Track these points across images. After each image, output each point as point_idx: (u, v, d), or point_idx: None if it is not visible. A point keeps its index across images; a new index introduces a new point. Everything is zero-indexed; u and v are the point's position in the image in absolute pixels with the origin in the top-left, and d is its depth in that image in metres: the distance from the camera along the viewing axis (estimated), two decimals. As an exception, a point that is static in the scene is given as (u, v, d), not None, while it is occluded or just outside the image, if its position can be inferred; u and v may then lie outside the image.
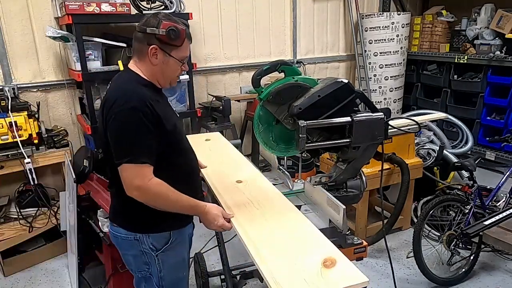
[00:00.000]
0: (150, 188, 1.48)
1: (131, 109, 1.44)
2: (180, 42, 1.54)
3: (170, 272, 1.73)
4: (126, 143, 1.46)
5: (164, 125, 1.53)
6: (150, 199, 1.51)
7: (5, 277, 2.98)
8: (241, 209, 1.75)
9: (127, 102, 1.45)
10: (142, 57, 1.56)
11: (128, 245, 1.67)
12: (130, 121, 1.45)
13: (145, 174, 1.47)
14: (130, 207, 1.58)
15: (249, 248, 1.45)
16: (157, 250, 1.66)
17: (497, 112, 4.58)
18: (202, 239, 3.16)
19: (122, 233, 1.66)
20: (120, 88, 1.54)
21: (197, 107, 3.93)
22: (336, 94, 1.65)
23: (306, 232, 1.55)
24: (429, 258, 2.85)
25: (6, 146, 2.95)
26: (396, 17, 4.72)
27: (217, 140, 2.75)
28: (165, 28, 1.49)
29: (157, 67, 1.56)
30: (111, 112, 1.47)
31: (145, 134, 1.47)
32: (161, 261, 1.69)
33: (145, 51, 1.53)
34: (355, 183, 1.85)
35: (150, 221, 1.62)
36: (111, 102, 1.47)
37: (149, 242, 1.64)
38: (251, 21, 4.49)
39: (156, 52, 1.53)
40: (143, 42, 1.53)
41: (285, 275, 1.29)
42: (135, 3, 3.33)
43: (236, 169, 2.21)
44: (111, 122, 1.47)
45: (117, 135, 1.47)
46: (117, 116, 1.45)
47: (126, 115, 1.45)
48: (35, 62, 3.48)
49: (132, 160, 1.45)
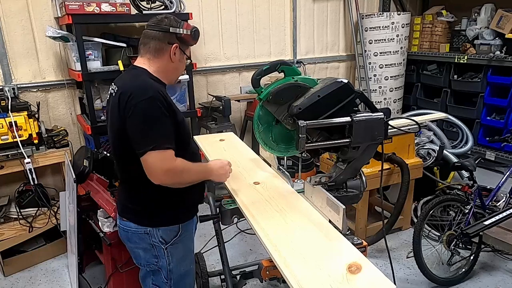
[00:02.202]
0: (177, 167, 1.55)
1: (150, 99, 1.50)
2: (195, 42, 1.69)
3: (178, 265, 1.78)
4: (150, 131, 1.51)
5: (176, 115, 1.60)
6: (177, 178, 1.58)
7: (5, 277, 2.98)
8: (261, 211, 1.75)
9: (145, 93, 1.51)
10: (160, 55, 1.64)
11: (138, 239, 1.72)
12: (150, 110, 1.50)
13: (171, 157, 1.54)
14: (141, 202, 1.68)
15: (271, 251, 1.44)
16: (167, 243, 1.71)
17: (497, 112, 4.59)
18: (202, 239, 3.17)
19: (132, 227, 1.71)
20: (135, 81, 1.60)
21: (197, 107, 3.93)
22: (336, 94, 1.65)
23: (329, 236, 1.54)
24: (429, 258, 2.84)
25: (6, 146, 2.95)
26: (396, 17, 4.72)
27: (231, 140, 2.76)
28: (189, 28, 1.63)
29: (174, 64, 1.66)
30: (129, 104, 1.51)
31: (165, 121, 1.54)
32: (170, 254, 1.74)
33: (166, 49, 1.62)
34: (355, 183, 1.85)
35: (160, 215, 1.69)
36: (127, 95, 1.53)
37: (159, 236, 1.69)
38: (251, 21, 4.49)
39: (175, 51, 1.64)
40: (163, 40, 1.62)
41: (309, 279, 1.27)
42: (135, 3, 3.33)
43: (253, 170, 2.21)
44: (131, 114, 1.52)
45: (140, 124, 1.52)
46: (138, 107, 1.50)
47: (146, 105, 1.50)
48: (35, 62, 3.48)
49: (157, 147, 1.49)
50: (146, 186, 1.59)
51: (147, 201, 1.67)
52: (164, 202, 1.67)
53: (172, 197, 1.67)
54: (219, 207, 2.18)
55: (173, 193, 1.64)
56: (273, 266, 1.88)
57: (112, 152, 1.76)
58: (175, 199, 1.69)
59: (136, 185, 1.67)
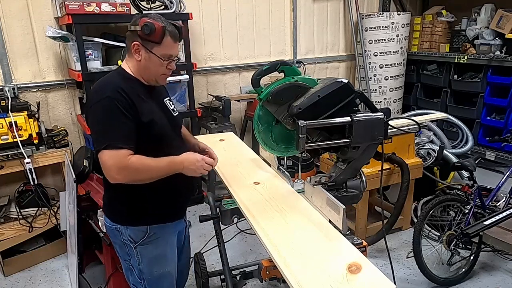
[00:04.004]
0: (129, 165, 1.51)
1: (105, 99, 1.52)
2: (158, 39, 1.58)
3: (150, 266, 1.77)
4: (103, 130, 1.53)
5: (139, 115, 1.57)
6: (132, 175, 1.55)
7: (5, 277, 2.98)
8: (261, 211, 1.75)
9: (102, 93, 1.54)
10: (130, 54, 1.66)
11: (112, 235, 1.78)
12: (105, 110, 1.52)
13: (123, 156, 1.51)
14: (112, 199, 1.75)
15: (271, 251, 1.44)
16: (135, 243, 1.73)
17: (497, 112, 4.59)
18: (202, 239, 3.17)
19: (108, 222, 1.77)
20: (98, 83, 1.64)
21: (197, 107, 3.93)
22: (336, 94, 1.65)
23: (329, 236, 1.54)
24: (429, 258, 2.85)
25: (6, 146, 2.95)
26: (396, 17, 4.72)
27: (231, 140, 2.75)
28: (141, 24, 1.56)
29: (141, 63, 1.63)
30: (87, 105, 1.65)
31: (121, 120, 1.52)
32: (140, 254, 1.74)
33: (130, 48, 1.63)
34: (355, 183, 1.84)
35: (127, 214, 1.71)
36: (89, 95, 1.59)
37: (127, 234, 1.72)
38: (251, 21, 4.49)
39: (139, 49, 1.61)
40: (129, 39, 1.64)
41: (309, 279, 1.27)
42: (135, 3, 3.33)
43: (253, 170, 2.20)
44: (89, 114, 1.59)
45: (94, 124, 1.56)
46: (93, 108, 1.56)
47: (101, 105, 1.53)
48: (35, 62, 3.48)
49: (109, 146, 1.49)
50: (111, 184, 1.59)
51: (114, 199, 1.73)
52: (128, 201, 1.69)
53: (136, 198, 1.68)
54: (219, 207, 2.18)
55: (136, 194, 1.65)
56: (273, 266, 1.88)
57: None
58: (139, 200, 1.68)
59: (106, 183, 1.68)
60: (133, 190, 1.63)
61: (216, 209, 2.19)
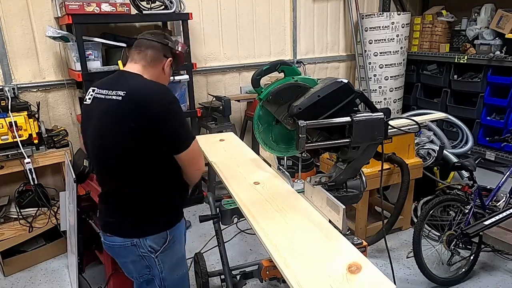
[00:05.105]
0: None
1: (174, 99, 1.60)
2: (183, 62, 1.85)
3: (171, 271, 1.76)
4: (188, 126, 1.66)
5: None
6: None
7: (5, 277, 2.98)
8: (261, 211, 1.75)
9: (168, 95, 1.59)
10: (155, 64, 1.71)
11: (126, 252, 1.68)
12: (179, 109, 1.63)
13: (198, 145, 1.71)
14: (124, 213, 1.66)
15: (271, 251, 1.44)
16: (156, 252, 1.68)
17: (497, 112, 4.59)
18: (202, 239, 3.17)
19: (118, 242, 1.67)
20: (153, 86, 1.61)
21: (197, 107, 3.93)
22: (336, 94, 1.65)
23: (329, 236, 1.54)
24: (429, 258, 2.85)
25: (6, 146, 2.95)
26: (396, 17, 4.72)
27: (231, 140, 2.75)
28: (184, 48, 1.79)
29: (165, 76, 1.76)
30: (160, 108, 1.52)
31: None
32: (162, 261, 1.71)
33: (161, 61, 1.71)
34: (355, 183, 1.84)
35: (145, 224, 1.65)
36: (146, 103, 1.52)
37: (147, 245, 1.65)
38: (251, 21, 4.49)
39: (169, 64, 1.75)
40: (160, 51, 1.71)
41: (309, 279, 1.27)
42: (135, 3, 3.33)
43: (253, 170, 2.20)
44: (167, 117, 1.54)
45: (181, 123, 1.61)
46: (171, 109, 1.56)
47: (174, 108, 1.58)
48: (35, 62, 3.49)
49: (194, 137, 1.65)
50: (128, 196, 1.59)
51: (130, 212, 1.64)
52: (148, 209, 1.65)
53: (155, 203, 1.67)
54: (219, 207, 2.18)
55: (155, 199, 1.65)
56: (273, 266, 1.88)
57: (99, 161, 1.68)
58: (159, 204, 1.68)
59: (119, 197, 1.65)
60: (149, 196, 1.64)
61: (216, 209, 2.19)
